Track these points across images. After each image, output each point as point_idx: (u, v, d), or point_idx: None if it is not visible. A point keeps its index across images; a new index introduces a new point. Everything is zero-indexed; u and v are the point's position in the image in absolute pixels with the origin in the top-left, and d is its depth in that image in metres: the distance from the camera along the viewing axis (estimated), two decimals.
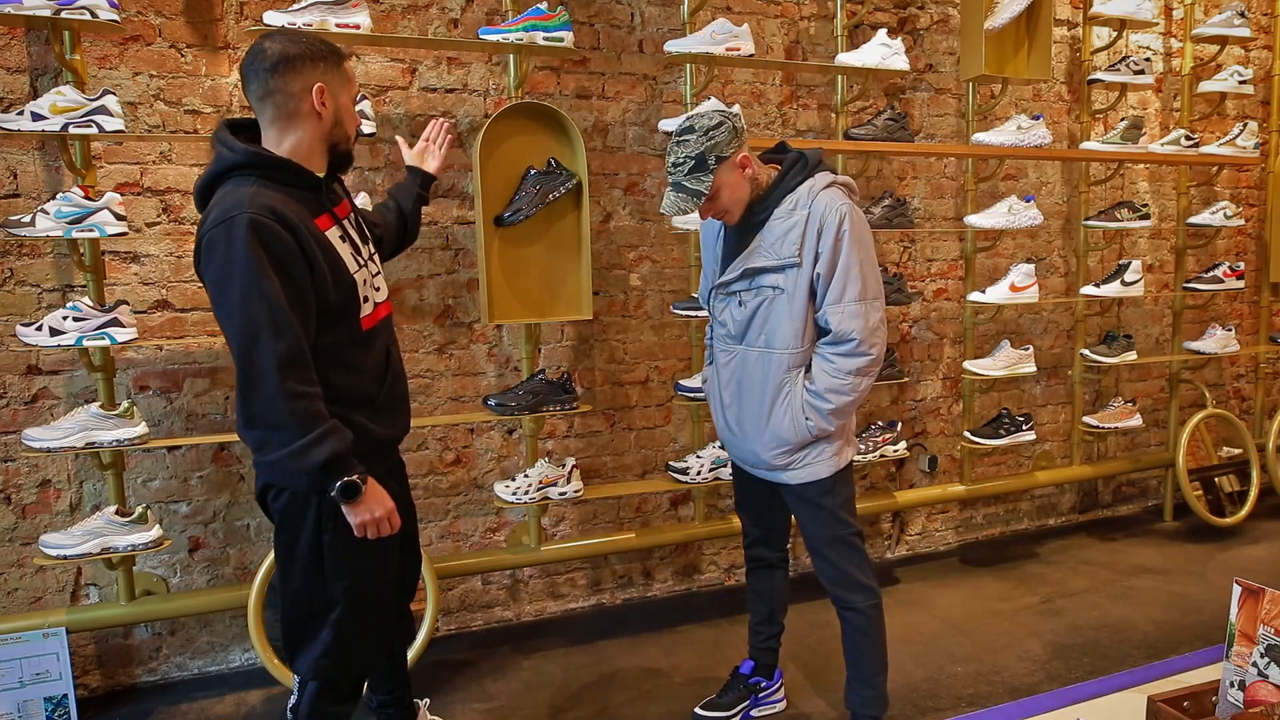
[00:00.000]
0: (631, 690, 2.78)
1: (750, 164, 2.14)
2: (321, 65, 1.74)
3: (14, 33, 2.59)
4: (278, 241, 1.63)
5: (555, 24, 2.80)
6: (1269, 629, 1.75)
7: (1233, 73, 4.05)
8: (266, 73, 1.70)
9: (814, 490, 2.26)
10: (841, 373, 2.13)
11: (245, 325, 1.60)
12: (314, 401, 1.66)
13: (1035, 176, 4.09)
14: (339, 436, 1.68)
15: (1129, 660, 2.86)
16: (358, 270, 1.82)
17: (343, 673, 1.90)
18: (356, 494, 1.71)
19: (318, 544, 1.79)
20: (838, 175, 2.22)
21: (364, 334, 1.84)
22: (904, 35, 3.70)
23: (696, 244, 3.23)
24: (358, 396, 1.83)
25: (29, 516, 2.74)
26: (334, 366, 1.76)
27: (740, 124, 2.15)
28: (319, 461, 1.65)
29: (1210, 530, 4.08)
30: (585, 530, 3.40)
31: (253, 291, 1.60)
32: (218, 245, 1.62)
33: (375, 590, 1.90)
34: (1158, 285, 4.43)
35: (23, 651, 2.52)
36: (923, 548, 4.04)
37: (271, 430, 1.64)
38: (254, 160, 1.70)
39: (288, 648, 1.89)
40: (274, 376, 1.60)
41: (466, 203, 3.13)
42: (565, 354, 3.33)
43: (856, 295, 2.10)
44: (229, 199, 1.64)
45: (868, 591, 2.31)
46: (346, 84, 1.81)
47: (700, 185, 2.10)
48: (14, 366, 2.68)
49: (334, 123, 1.78)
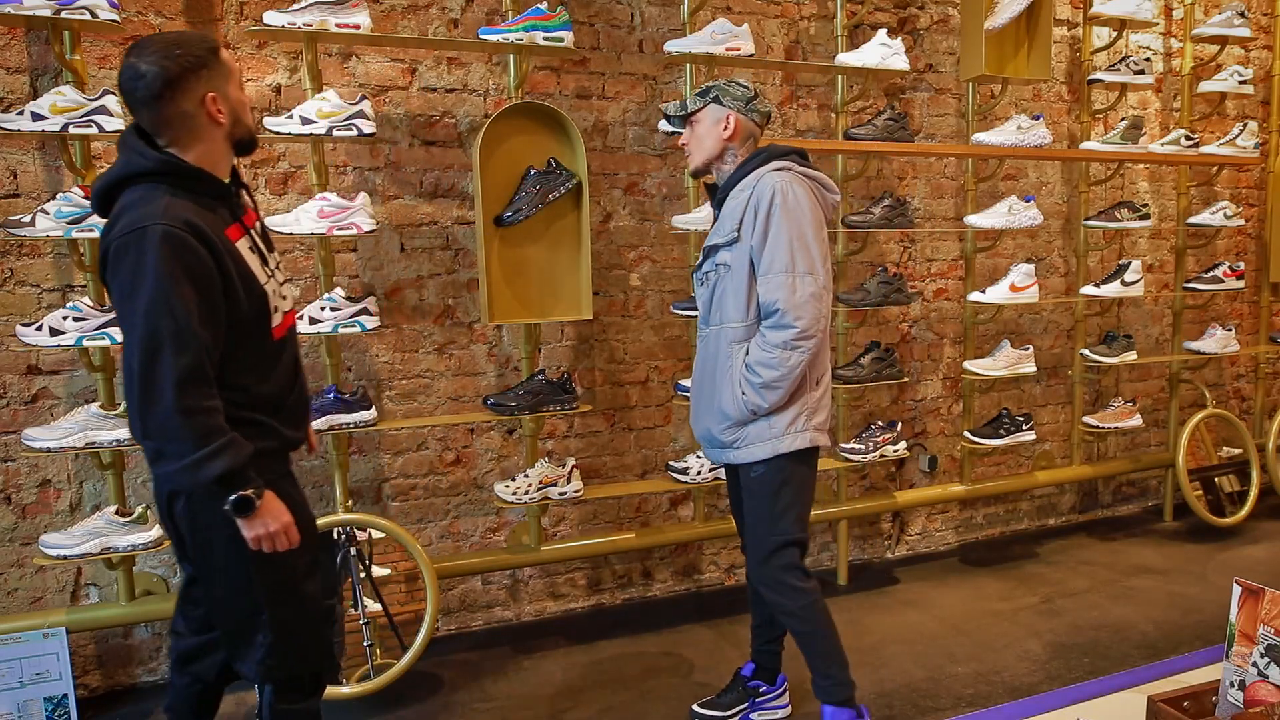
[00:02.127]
0: (631, 690, 2.78)
1: (733, 130, 2.24)
2: (204, 72, 1.67)
3: (14, 33, 2.59)
4: (191, 255, 1.60)
5: (555, 24, 2.80)
6: (1269, 629, 1.75)
7: (1233, 73, 4.05)
8: (154, 100, 1.63)
9: (757, 482, 2.27)
10: (769, 345, 2.15)
11: (148, 339, 1.57)
12: (211, 416, 1.63)
13: (1035, 176, 4.09)
14: (235, 451, 1.65)
15: (1129, 660, 2.86)
16: (267, 280, 1.80)
17: (292, 670, 1.86)
18: (250, 508, 1.68)
19: (236, 542, 1.73)
20: (803, 167, 2.25)
21: (275, 343, 1.83)
22: (904, 35, 3.70)
23: (696, 244, 3.24)
24: (271, 401, 1.82)
25: (29, 516, 2.74)
26: (248, 374, 1.75)
27: (759, 105, 2.27)
28: (213, 476, 1.62)
29: (1210, 530, 4.08)
30: (585, 530, 3.40)
31: (160, 306, 1.56)
32: (127, 254, 1.58)
33: (302, 583, 1.86)
34: (1158, 285, 4.43)
35: (23, 651, 2.52)
36: (923, 548, 4.04)
37: (167, 442, 1.61)
38: (166, 169, 1.65)
39: (230, 657, 1.86)
40: (171, 393, 1.57)
41: (466, 203, 3.13)
42: (565, 354, 3.33)
43: (783, 267, 2.13)
44: (141, 208, 1.60)
45: (797, 592, 2.28)
46: (231, 76, 1.74)
47: (691, 104, 2.29)
48: (14, 366, 2.68)
49: (234, 122, 1.74)
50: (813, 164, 2.32)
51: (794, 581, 2.27)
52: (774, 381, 2.16)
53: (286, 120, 2.60)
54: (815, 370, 2.26)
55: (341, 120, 2.62)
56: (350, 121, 2.63)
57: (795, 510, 2.28)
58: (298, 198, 2.90)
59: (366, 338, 3.04)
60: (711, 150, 2.29)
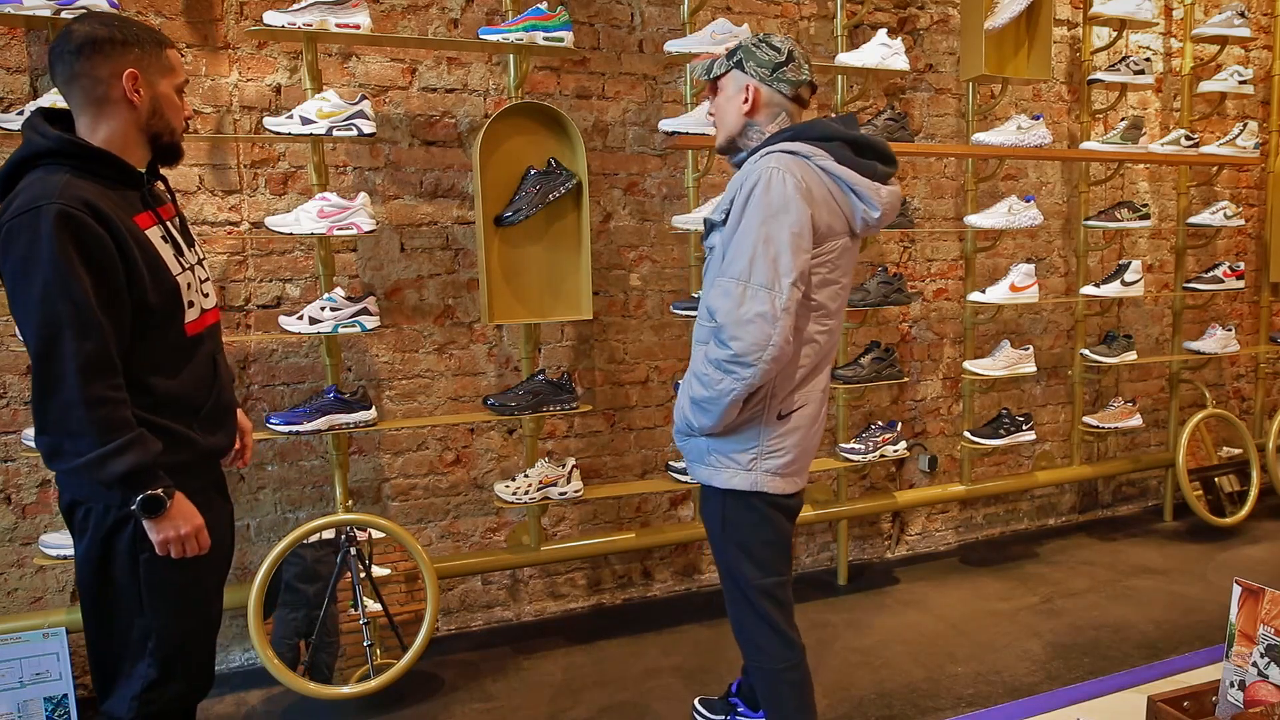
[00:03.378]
0: (631, 690, 2.78)
1: (753, 100, 1.89)
2: (136, 51, 1.61)
3: (14, 33, 2.59)
4: (89, 236, 1.50)
5: (555, 24, 2.80)
6: (1269, 629, 1.75)
7: (1233, 73, 4.05)
8: (71, 55, 1.57)
9: (708, 508, 1.97)
10: (706, 359, 1.80)
11: (45, 324, 1.48)
12: (118, 409, 1.53)
13: (1035, 176, 4.09)
14: (142, 447, 1.55)
15: (1129, 660, 2.86)
16: (181, 273, 1.68)
17: (167, 706, 1.72)
18: (160, 509, 1.57)
19: (134, 564, 1.63)
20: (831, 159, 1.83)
21: (188, 339, 1.71)
22: (904, 35, 3.70)
23: (696, 244, 3.24)
24: (182, 405, 1.70)
25: (29, 516, 2.74)
26: (154, 372, 1.64)
27: (790, 73, 1.88)
28: (118, 473, 1.52)
29: (1210, 530, 4.08)
30: (585, 530, 3.40)
31: (56, 289, 1.47)
32: (19, 236, 1.48)
33: (201, 609, 1.77)
34: (1158, 285, 4.43)
35: (23, 651, 2.52)
36: (923, 548, 4.04)
37: (66, 437, 1.51)
38: (67, 149, 1.56)
39: (98, 685, 1.71)
40: (75, 380, 1.47)
41: (466, 203, 3.13)
42: (565, 354, 3.33)
43: (737, 272, 1.76)
44: (35, 187, 1.51)
45: (760, 653, 1.96)
46: (167, 72, 1.66)
47: (717, 67, 1.94)
48: (14, 366, 2.68)
49: (151, 112, 1.65)
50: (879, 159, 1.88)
51: (759, 638, 1.95)
52: (702, 400, 1.81)
53: (286, 120, 2.60)
54: (779, 402, 1.86)
55: (341, 120, 2.62)
56: (350, 121, 2.63)
57: (756, 550, 1.92)
58: (298, 198, 2.90)
59: (366, 338, 3.04)
60: (733, 125, 1.94)
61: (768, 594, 1.93)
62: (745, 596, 1.94)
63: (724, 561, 1.97)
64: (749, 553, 1.92)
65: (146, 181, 1.69)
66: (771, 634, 1.94)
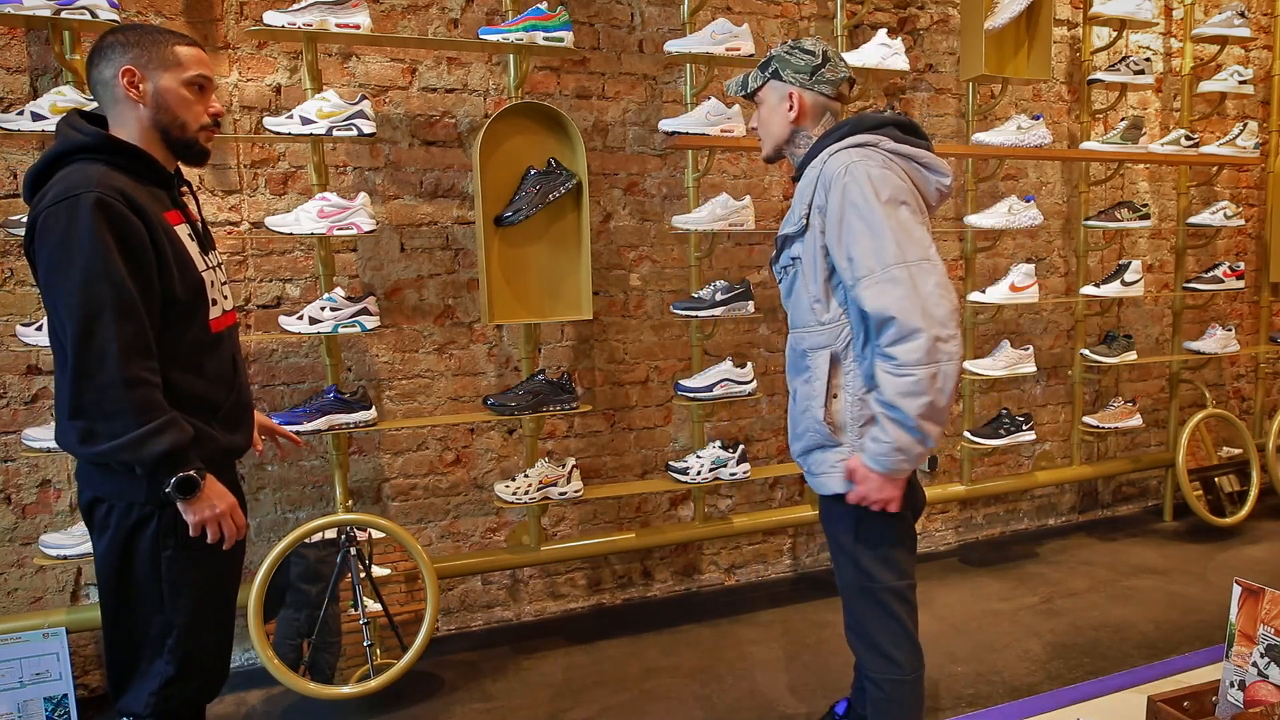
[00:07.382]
0: (631, 690, 2.78)
1: (798, 107, 1.89)
2: (135, 50, 1.64)
3: (14, 33, 2.59)
4: (126, 224, 1.53)
5: (555, 24, 2.80)
6: (1269, 629, 1.75)
7: (1233, 73, 4.05)
8: (89, 66, 1.67)
9: (833, 515, 1.91)
10: (901, 368, 1.67)
11: (85, 304, 1.49)
12: (154, 391, 1.55)
13: (1035, 176, 4.09)
14: (179, 429, 1.57)
15: (1129, 660, 2.86)
16: (205, 270, 1.72)
17: (183, 704, 1.73)
18: (195, 490, 1.59)
19: (156, 562, 1.64)
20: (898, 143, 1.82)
21: (212, 336, 1.73)
22: (904, 35, 3.70)
23: (697, 244, 3.24)
24: (204, 402, 1.70)
25: (29, 516, 2.74)
26: (178, 368, 1.64)
27: (828, 73, 1.88)
28: (158, 453, 1.53)
29: (1210, 530, 4.08)
30: (585, 530, 3.40)
31: (96, 272, 1.49)
32: (57, 222, 1.50)
33: (219, 606, 1.78)
34: (1158, 285, 4.43)
35: (23, 651, 2.52)
36: (923, 548, 4.04)
37: (101, 420, 1.51)
38: (103, 144, 1.60)
39: (114, 682, 1.70)
40: (116, 361, 1.49)
41: (466, 203, 3.13)
42: (565, 354, 3.33)
43: (887, 260, 1.67)
44: (73, 177, 1.54)
45: (887, 662, 1.87)
46: (171, 67, 1.67)
47: (752, 80, 1.94)
48: (14, 366, 2.67)
49: (155, 107, 1.66)
50: (920, 137, 1.87)
51: (885, 645, 1.88)
52: (927, 411, 1.68)
53: (286, 120, 2.61)
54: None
55: (341, 120, 2.62)
56: (350, 121, 2.63)
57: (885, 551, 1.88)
58: (298, 198, 2.90)
59: (366, 338, 3.04)
60: (779, 135, 1.93)
61: (902, 598, 1.88)
62: (879, 603, 1.87)
63: (857, 571, 1.89)
64: (885, 557, 1.86)
65: (175, 184, 1.73)
66: (905, 640, 1.88)
